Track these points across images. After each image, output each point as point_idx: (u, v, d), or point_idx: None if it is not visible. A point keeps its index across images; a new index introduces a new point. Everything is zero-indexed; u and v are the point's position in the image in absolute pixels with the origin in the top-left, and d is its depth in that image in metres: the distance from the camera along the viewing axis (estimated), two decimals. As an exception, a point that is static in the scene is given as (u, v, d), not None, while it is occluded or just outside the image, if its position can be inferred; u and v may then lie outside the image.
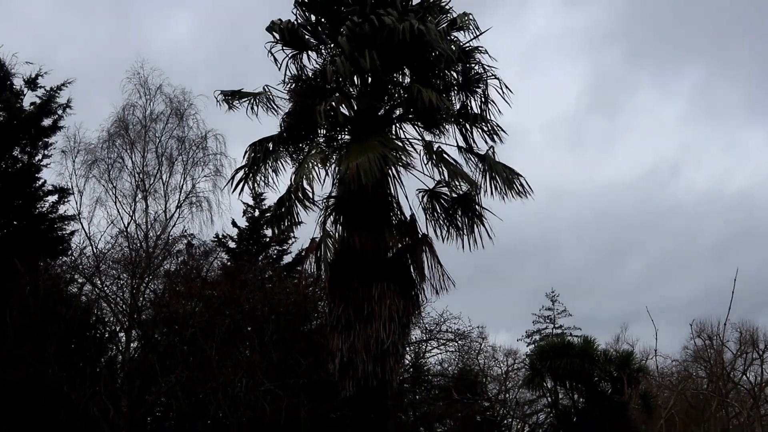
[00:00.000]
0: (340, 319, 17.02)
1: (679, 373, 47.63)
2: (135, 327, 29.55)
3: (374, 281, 16.90)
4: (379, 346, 16.56)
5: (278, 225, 19.17)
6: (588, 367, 27.59)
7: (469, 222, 18.10)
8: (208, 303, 27.75)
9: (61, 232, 32.72)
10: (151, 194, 36.43)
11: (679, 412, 36.81)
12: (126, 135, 37.02)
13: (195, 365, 25.67)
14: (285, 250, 40.59)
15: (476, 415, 37.72)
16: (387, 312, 16.69)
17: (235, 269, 31.08)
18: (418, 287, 17.74)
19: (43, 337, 25.41)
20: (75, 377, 24.99)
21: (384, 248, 17.29)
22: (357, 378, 16.77)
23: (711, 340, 45.05)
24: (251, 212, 40.00)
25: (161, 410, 31.37)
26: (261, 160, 18.52)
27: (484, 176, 18.23)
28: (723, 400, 35.20)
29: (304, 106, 17.99)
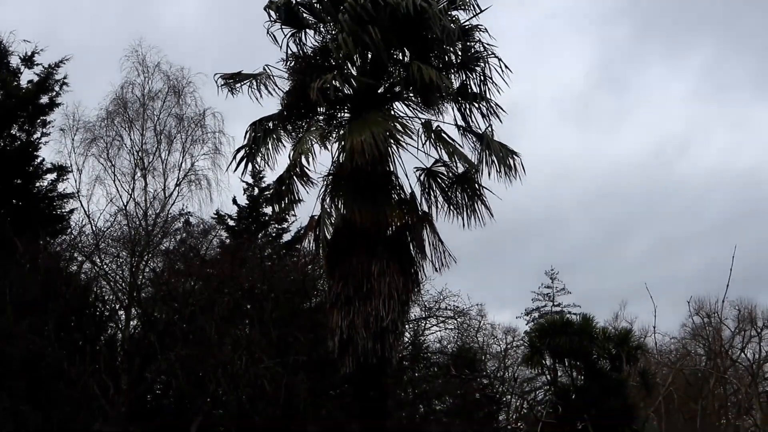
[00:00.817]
0: (339, 297, 17.04)
1: (678, 350, 47.79)
2: (134, 305, 29.60)
3: (374, 258, 16.92)
4: (378, 324, 16.58)
5: (278, 203, 19.17)
6: (587, 345, 27.67)
7: (469, 200, 18.10)
8: (207, 281, 27.79)
9: (60, 211, 32.73)
10: (150, 172, 36.39)
11: (677, 390, 36.98)
12: (125, 113, 36.93)
13: (194, 343, 25.74)
14: (285, 229, 40.59)
15: (475, 392, 37.86)
16: (387, 289, 16.71)
17: (234, 247, 31.10)
18: (417, 265, 17.77)
19: (43, 313, 25.46)
20: (75, 354, 25.07)
21: (384, 226, 17.29)
22: (356, 355, 16.80)
23: (709, 318, 45.18)
24: (251, 190, 39.97)
25: (161, 388, 31.47)
26: (262, 139, 18.48)
27: (481, 155, 18.22)
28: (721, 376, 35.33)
29: (304, 85, 17.95)
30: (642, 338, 38.50)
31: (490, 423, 38.74)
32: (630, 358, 28.62)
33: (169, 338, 26.43)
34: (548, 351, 28.22)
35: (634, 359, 29.34)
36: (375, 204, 17.15)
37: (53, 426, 23.35)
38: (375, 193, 17.28)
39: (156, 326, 27.24)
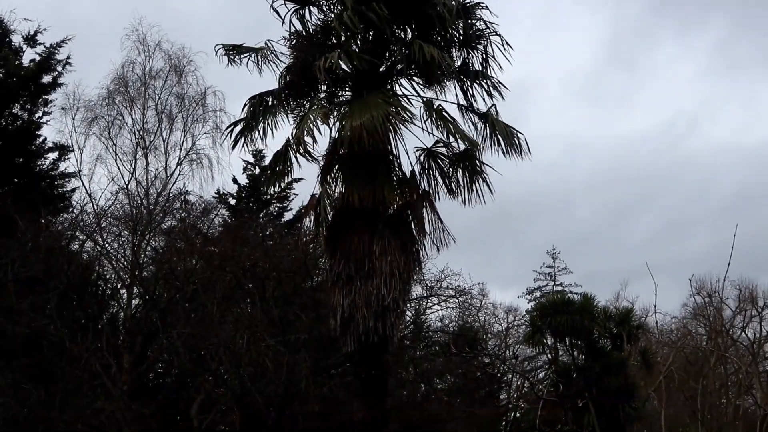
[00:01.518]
0: (340, 275, 17.05)
1: (679, 330, 47.86)
2: (136, 284, 29.65)
3: (375, 237, 16.92)
4: (380, 302, 16.60)
5: (274, 180, 19.16)
6: (588, 324, 27.68)
7: (470, 179, 18.08)
8: (209, 260, 27.84)
9: (61, 190, 32.79)
10: (151, 151, 36.40)
11: (678, 369, 37.03)
12: (126, 92, 36.92)
13: (196, 322, 25.80)
14: (286, 207, 40.64)
15: (476, 371, 37.97)
16: (388, 268, 16.71)
17: (236, 226, 31.14)
18: (419, 243, 17.77)
19: (45, 291, 25.51)
20: (76, 332, 25.13)
21: (384, 204, 17.28)
22: (358, 334, 16.84)
23: (710, 298, 45.22)
24: (251, 169, 40.01)
25: (162, 366, 31.57)
26: (260, 114, 18.46)
27: (484, 134, 18.22)
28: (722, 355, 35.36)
29: (305, 62, 17.91)
30: (643, 318, 38.57)
31: (491, 402, 38.88)
32: (631, 338, 28.66)
33: (171, 317, 26.49)
34: (549, 330, 28.25)
35: (635, 338, 29.38)
36: (374, 183, 17.13)
37: (55, 403, 23.43)
38: (374, 173, 17.26)
39: (157, 305, 27.29)
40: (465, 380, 34.23)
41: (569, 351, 29.03)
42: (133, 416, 24.04)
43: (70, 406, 23.74)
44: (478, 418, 30.82)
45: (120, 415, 23.82)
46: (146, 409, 24.88)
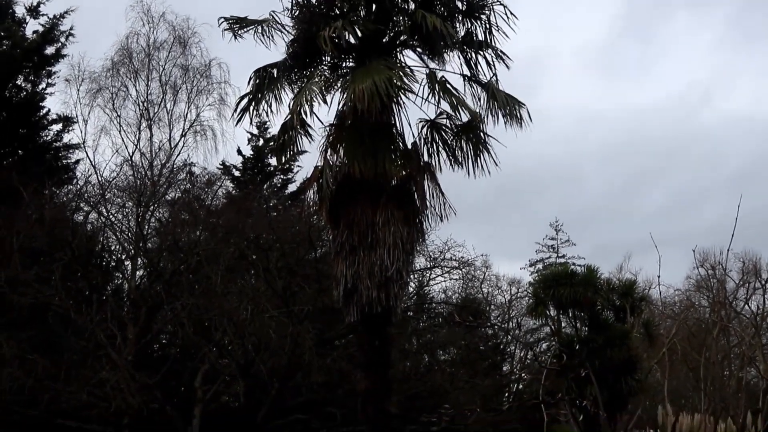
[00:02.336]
0: (344, 246, 17.07)
1: (682, 302, 47.94)
2: (140, 255, 29.74)
3: (378, 208, 16.94)
4: (383, 273, 16.63)
5: (281, 152, 19.14)
6: (591, 296, 27.69)
7: (473, 150, 18.05)
8: (213, 231, 27.91)
9: (66, 161, 32.88)
10: (155, 123, 36.36)
11: (681, 341, 37.09)
12: (130, 63, 36.83)
13: (200, 293, 25.90)
14: (289, 179, 40.71)
15: (479, 343, 38.09)
16: (391, 239, 16.73)
17: (239, 198, 31.20)
18: (422, 214, 17.78)
19: (50, 263, 25.62)
20: (81, 303, 25.25)
21: (387, 176, 17.28)
22: (361, 305, 16.86)
23: (714, 270, 45.25)
24: (256, 141, 40.04)
25: (167, 337, 31.71)
26: (266, 87, 18.42)
27: (486, 105, 18.17)
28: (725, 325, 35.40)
29: (308, 34, 17.86)
30: (646, 290, 38.63)
31: (494, 373, 39.01)
32: (634, 310, 28.68)
33: (175, 288, 26.60)
34: (552, 302, 28.26)
35: (638, 311, 29.39)
36: (376, 155, 17.13)
37: (60, 374, 23.56)
38: (377, 145, 17.24)
39: (162, 276, 27.40)
40: (468, 351, 34.33)
41: (572, 323, 29.08)
42: (137, 387, 24.18)
43: (75, 377, 23.88)
44: (481, 389, 30.90)
45: (125, 386, 23.96)
46: (151, 379, 25.03)
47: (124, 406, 24.60)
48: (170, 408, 26.57)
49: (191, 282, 27.67)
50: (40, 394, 23.69)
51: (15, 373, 23.06)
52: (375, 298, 16.68)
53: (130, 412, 25.56)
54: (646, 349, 31.40)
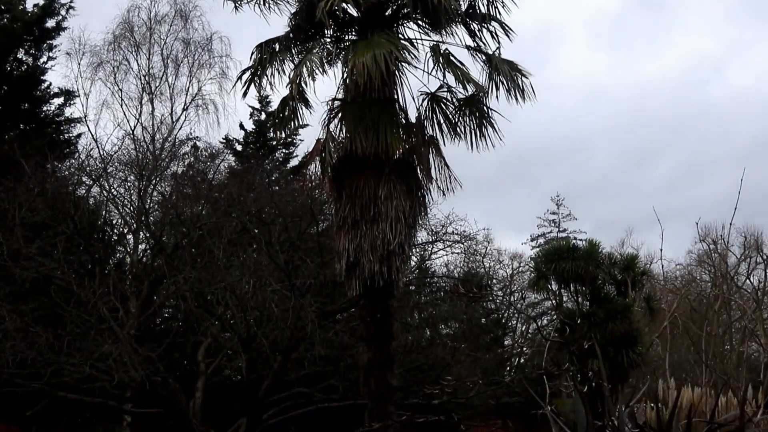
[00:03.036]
0: (346, 219, 17.11)
1: (683, 277, 48.00)
2: (143, 229, 29.78)
3: (381, 181, 16.95)
4: (385, 247, 16.67)
5: (282, 126, 19.13)
6: (592, 270, 27.69)
7: (476, 123, 18.03)
8: (215, 205, 27.91)
9: (67, 135, 32.88)
10: (157, 97, 36.35)
11: (682, 315, 37.18)
12: (131, 37, 36.78)
13: (202, 267, 25.92)
14: (291, 154, 40.68)
15: (481, 317, 38.15)
16: (393, 212, 16.76)
17: (242, 172, 31.18)
18: (424, 188, 17.78)
19: (52, 236, 25.65)
20: (84, 277, 25.29)
21: (390, 149, 17.26)
22: (363, 278, 16.91)
23: (715, 245, 45.27)
24: (258, 115, 39.97)
25: (169, 311, 31.79)
26: (267, 61, 18.40)
27: (490, 77, 18.11)
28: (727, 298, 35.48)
29: (311, 7, 17.82)
30: (648, 264, 38.68)
31: (496, 347, 39.11)
32: (635, 284, 28.70)
33: (177, 262, 26.63)
34: (554, 276, 28.28)
35: (639, 285, 29.41)
36: (378, 128, 17.11)
37: (63, 347, 23.62)
38: (379, 118, 17.22)
39: (164, 250, 27.43)
40: (469, 326, 34.37)
41: (573, 297, 29.12)
42: (140, 360, 24.25)
43: (77, 350, 23.94)
44: (483, 362, 31.00)
45: (127, 359, 24.02)
46: (153, 353, 25.09)
47: (126, 380, 24.68)
48: (173, 381, 26.64)
49: (193, 256, 27.69)
50: (43, 367, 23.77)
51: (17, 346, 23.11)
52: (377, 271, 16.73)
53: (132, 385, 25.65)
54: (648, 324, 31.47)
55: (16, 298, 25.02)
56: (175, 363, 29.21)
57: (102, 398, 27.30)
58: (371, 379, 17.07)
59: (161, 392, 25.73)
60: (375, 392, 16.97)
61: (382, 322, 17.56)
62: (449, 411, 23.54)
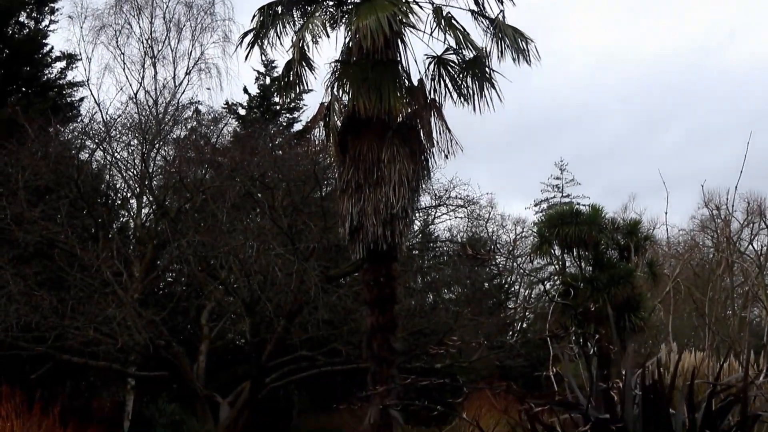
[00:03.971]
0: (349, 183, 17.09)
1: (686, 242, 48.02)
2: (146, 193, 29.78)
3: (384, 145, 16.92)
4: (388, 210, 16.67)
5: (286, 90, 19.06)
6: (595, 235, 27.68)
7: (479, 86, 17.95)
8: (218, 169, 27.88)
9: (70, 99, 32.78)
10: (159, 61, 36.28)
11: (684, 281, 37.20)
12: (133, 0, 36.64)
13: (206, 231, 25.93)
14: (295, 119, 40.57)
15: (484, 282, 38.19)
16: (397, 176, 16.75)
17: (245, 136, 31.11)
18: (427, 152, 17.74)
19: (55, 200, 25.65)
20: (87, 241, 25.32)
21: (393, 112, 17.21)
22: (366, 242, 16.93)
23: (718, 210, 45.21)
24: (263, 79, 39.82)
25: (173, 275, 31.84)
26: (270, 24, 18.29)
27: (493, 40, 18.01)
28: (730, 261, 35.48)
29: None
30: (651, 230, 38.66)
31: (499, 312, 39.16)
32: (638, 249, 28.69)
33: (181, 226, 26.65)
34: (557, 241, 28.27)
35: (642, 250, 29.40)
36: (381, 92, 17.04)
37: (67, 310, 23.69)
38: (382, 81, 17.16)
39: (167, 214, 27.43)
40: (473, 290, 34.41)
41: (576, 262, 29.13)
42: (144, 323, 24.32)
43: (81, 314, 24.02)
44: (486, 327, 31.05)
45: (131, 322, 24.10)
46: (157, 316, 25.17)
47: (130, 343, 24.78)
48: (176, 345, 26.74)
49: (196, 220, 27.71)
50: (47, 331, 23.86)
51: (21, 309, 23.19)
52: (380, 235, 16.74)
53: (136, 348, 25.76)
54: (650, 289, 31.49)
55: (19, 261, 25.07)
56: (179, 327, 29.30)
57: (106, 362, 27.43)
58: (374, 342, 17.11)
59: (165, 356, 25.85)
60: (378, 355, 17.02)
61: (385, 286, 17.57)
62: (452, 375, 23.63)
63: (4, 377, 18.44)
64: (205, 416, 26.99)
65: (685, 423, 7.46)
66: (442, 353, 23.60)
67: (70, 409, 22.45)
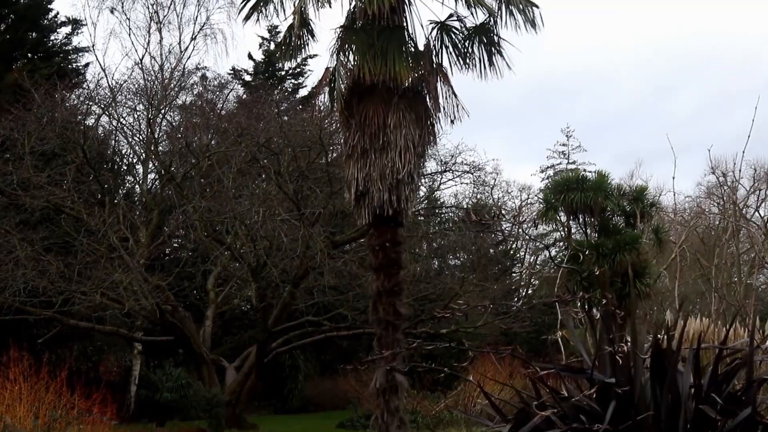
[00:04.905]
0: (355, 148, 17.01)
1: (692, 209, 47.91)
2: (152, 158, 29.79)
3: (390, 110, 16.85)
4: (394, 175, 16.61)
5: (289, 55, 18.95)
6: (601, 201, 27.62)
7: (486, 52, 17.85)
8: (224, 135, 27.87)
9: (75, 64, 32.73)
10: (165, 26, 36.15)
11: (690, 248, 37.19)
12: (138, -35, 36.50)
13: (212, 196, 25.97)
14: (300, 84, 40.51)
15: (489, 248, 38.24)
16: (403, 141, 16.67)
17: (250, 102, 31.07)
18: (433, 117, 17.66)
19: (62, 165, 25.68)
20: (94, 206, 25.37)
21: (399, 78, 17.13)
22: (372, 207, 16.87)
23: (725, 177, 45.10)
24: (267, 45, 39.72)
25: (179, 241, 31.92)
26: (272, -12, 18.15)
27: (500, 6, 17.88)
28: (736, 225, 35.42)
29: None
30: (657, 196, 38.57)
31: (504, 278, 39.24)
32: (644, 215, 28.63)
33: (187, 191, 26.68)
34: (562, 207, 28.22)
35: (648, 216, 29.35)
36: (387, 57, 16.96)
37: (74, 275, 23.79)
38: (387, 46, 17.06)
39: (173, 179, 27.45)
40: (478, 256, 34.46)
41: (582, 228, 29.09)
42: (150, 288, 24.41)
43: (88, 278, 24.12)
44: (491, 292, 31.11)
45: (138, 287, 24.19)
46: (163, 282, 25.27)
47: (137, 308, 24.90)
48: (183, 310, 26.88)
49: (202, 185, 27.75)
50: (54, 296, 23.98)
51: (28, 274, 23.30)
52: (386, 200, 16.69)
53: (143, 313, 25.88)
54: (656, 255, 31.48)
55: (26, 227, 25.17)
56: (185, 292, 29.43)
57: (113, 326, 27.60)
58: (380, 306, 17.10)
59: (171, 321, 25.97)
60: (384, 320, 17.02)
61: (391, 251, 17.54)
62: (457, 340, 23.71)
63: (12, 341, 18.53)
64: (211, 380, 27.15)
65: (690, 387, 7.48)
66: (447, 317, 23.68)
67: (77, 372, 22.57)
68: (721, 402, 7.26)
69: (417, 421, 24.70)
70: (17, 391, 16.86)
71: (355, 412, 29.42)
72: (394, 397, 16.38)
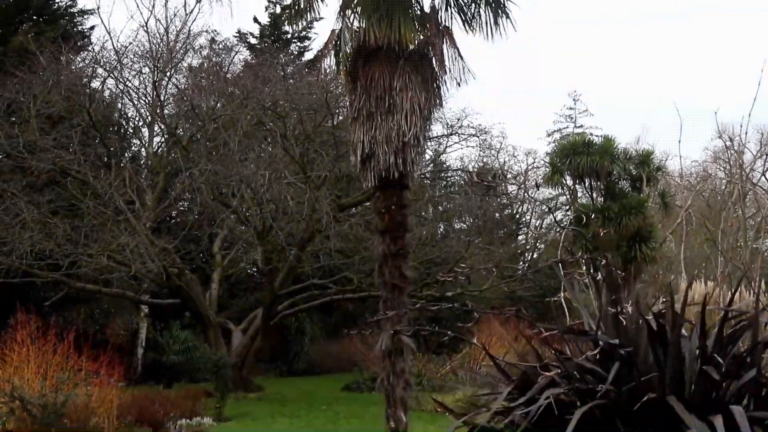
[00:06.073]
0: (361, 111, 16.96)
1: (698, 174, 47.81)
2: (158, 121, 29.76)
3: (396, 72, 16.79)
4: (400, 138, 16.56)
5: (297, 18, 18.87)
6: (608, 165, 27.59)
7: (492, 14, 17.76)
8: (230, 98, 27.81)
9: (80, 27, 32.62)
10: (170, -12, 35.97)
11: (696, 212, 37.17)
12: (143, -74, 36.24)
13: (218, 159, 25.97)
14: (306, 47, 40.36)
15: (495, 212, 38.21)
16: (409, 104, 16.61)
17: (257, 65, 30.98)
18: (440, 79, 17.60)
19: (67, 128, 25.68)
20: (100, 169, 25.40)
21: (404, 40, 17.07)
22: (378, 170, 16.84)
23: (732, 141, 44.94)
24: (273, 8, 39.53)
25: (185, 204, 31.96)
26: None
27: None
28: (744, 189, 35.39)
29: None
30: (663, 161, 38.49)
31: (510, 242, 39.26)
32: (650, 180, 28.59)
33: (193, 154, 26.68)
34: (568, 171, 28.18)
35: (654, 180, 29.30)
36: (392, 19, 16.88)
37: (80, 238, 23.86)
38: (393, 8, 16.99)
39: (179, 142, 27.44)
40: (484, 220, 34.44)
41: (588, 192, 29.07)
42: (157, 251, 24.49)
43: (95, 241, 24.19)
44: (497, 256, 31.13)
45: (144, 250, 24.25)
46: (170, 245, 25.33)
47: (143, 271, 24.97)
48: (189, 272, 26.95)
49: (208, 148, 27.74)
50: (61, 258, 24.06)
51: (35, 237, 23.38)
52: (392, 163, 16.66)
53: (149, 276, 25.97)
54: (662, 220, 31.46)
55: (33, 189, 25.21)
56: (191, 255, 29.50)
57: (119, 289, 27.70)
58: (386, 269, 17.11)
59: (178, 284, 26.06)
60: (389, 282, 17.03)
61: (396, 214, 17.53)
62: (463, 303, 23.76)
63: (20, 304, 18.64)
64: (217, 343, 27.29)
65: (695, 348, 7.50)
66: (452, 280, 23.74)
67: (84, 335, 22.69)
68: (726, 364, 7.28)
69: (422, 383, 24.84)
70: (25, 353, 16.97)
71: (361, 375, 29.60)
72: (400, 359, 16.43)
